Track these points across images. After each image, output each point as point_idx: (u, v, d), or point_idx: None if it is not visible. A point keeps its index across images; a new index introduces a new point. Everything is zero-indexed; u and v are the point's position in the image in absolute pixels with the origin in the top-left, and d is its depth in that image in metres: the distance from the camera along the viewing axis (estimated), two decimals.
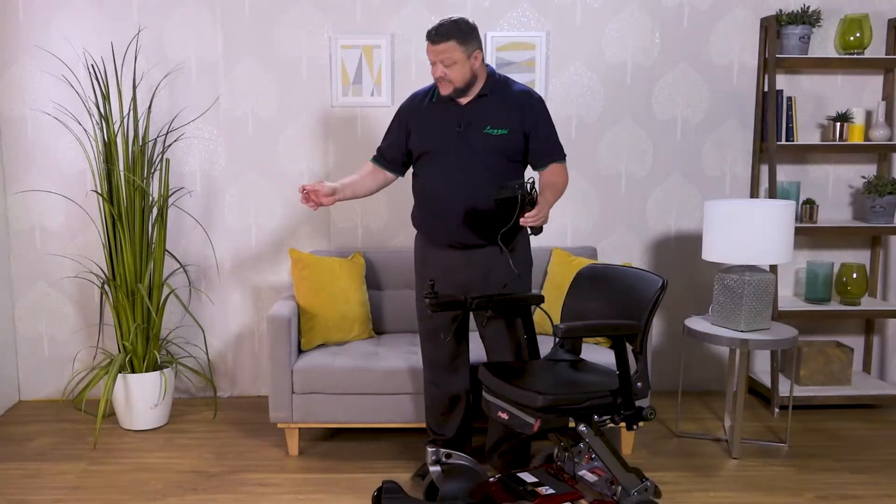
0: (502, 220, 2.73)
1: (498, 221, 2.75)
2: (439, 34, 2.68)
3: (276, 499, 2.95)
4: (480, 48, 2.75)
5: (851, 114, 3.89)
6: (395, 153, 2.97)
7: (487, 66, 2.84)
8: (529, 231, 2.72)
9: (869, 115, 3.99)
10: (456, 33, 2.68)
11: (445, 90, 2.76)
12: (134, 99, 3.59)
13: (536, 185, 2.67)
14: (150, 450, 3.42)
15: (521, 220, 2.59)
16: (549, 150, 2.85)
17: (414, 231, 3.98)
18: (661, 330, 4.15)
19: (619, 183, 4.02)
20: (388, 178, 3.02)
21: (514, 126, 2.79)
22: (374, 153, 3.03)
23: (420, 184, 2.91)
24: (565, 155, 2.90)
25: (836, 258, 4.10)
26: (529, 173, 2.97)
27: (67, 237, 3.95)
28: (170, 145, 3.87)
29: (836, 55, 3.88)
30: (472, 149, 2.78)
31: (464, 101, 2.80)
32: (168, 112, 3.88)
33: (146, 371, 3.61)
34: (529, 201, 2.60)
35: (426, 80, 3.87)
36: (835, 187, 4.07)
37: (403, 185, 3.94)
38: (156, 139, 3.72)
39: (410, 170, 3.00)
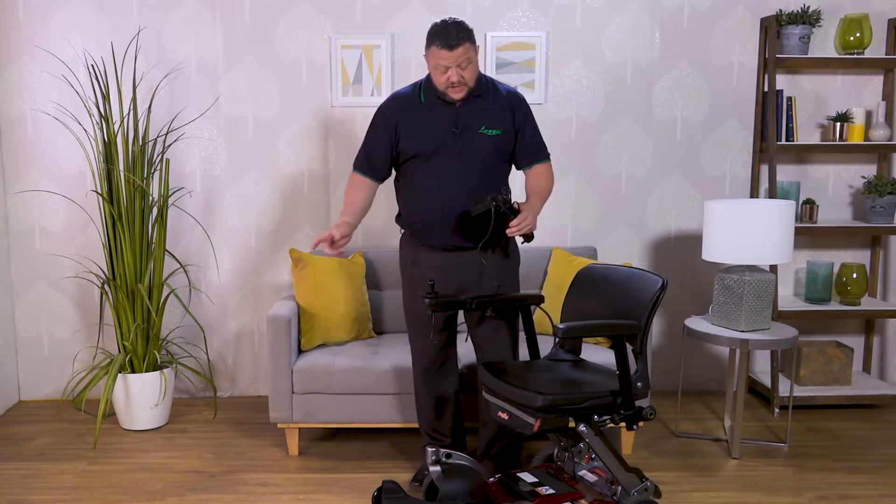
0: (483, 232, 2.76)
1: (485, 229, 2.75)
2: (457, 38, 2.61)
3: (276, 499, 2.95)
4: None
5: (851, 114, 3.89)
6: (381, 161, 2.85)
7: None
8: (521, 240, 2.73)
9: (869, 115, 3.99)
10: (468, 33, 2.65)
11: (459, 94, 2.71)
12: (134, 99, 3.59)
13: (513, 197, 2.68)
14: (150, 450, 3.43)
15: (507, 230, 2.63)
16: (533, 149, 2.87)
17: None
18: (661, 330, 4.15)
19: (619, 183, 4.02)
20: (375, 187, 2.91)
21: (507, 125, 2.80)
22: (358, 165, 2.88)
23: (411, 186, 2.84)
24: (549, 155, 2.92)
25: (836, 258, 4.10)
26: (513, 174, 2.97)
27: (67, 237, 3.96)
28: (170, 145, 3.87)
29: (836, 55, 3.88)
30: (468, 150, 2.76)
31: (458, 101, 2.78)
32: (168, 112, 3.88)
33: (146, 371, 3.62)
34: (508, 210, 2.62)
35: None
36: (835, 187, 4.08)
37: None
38: (156, 139, 3.72)
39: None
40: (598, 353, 3.30)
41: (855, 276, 3.79)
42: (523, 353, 3.20)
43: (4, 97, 3.85)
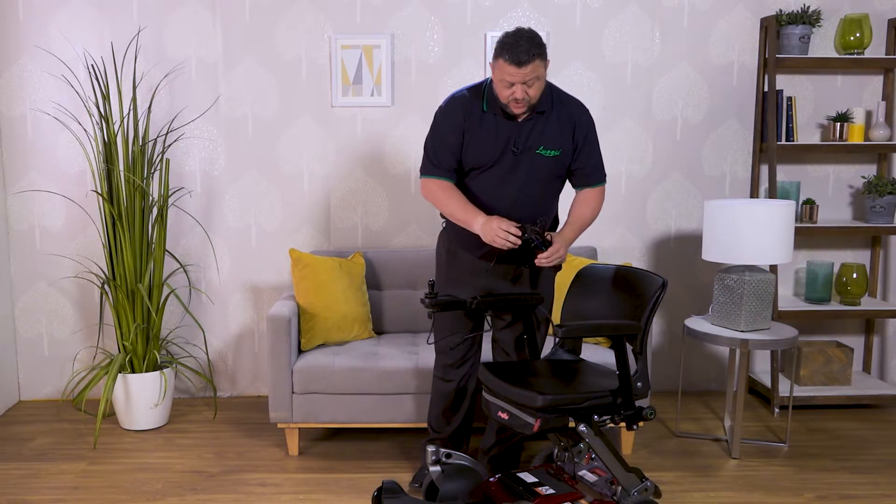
0: (512, 256, 2.78)
1: (513, 255, 2.77)
2: (528, 54, 2.45)
3: (276, 499, 2.95)
4: None
5: (851, 114, 3.89)
6: (454, 162, 2.72)
7: None
8: (550, 270, 2.75)
9: (869, 115, 4.00)
10: (540, 49, 2.48)
11: (521, 110, 2.59)
12: (134, 99, 3.59)
13: (548, 228, 2.70)
14: (150, 450, 3.43)
15: (536, 261, 2.62)
16: (589, 171, 2.77)
17: (415, 232, 3.99)
18: (661, 330, 4.15)
19: (619, 183, 4.02)
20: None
21: (566, 144, 2.70)
22: (434, 172, 2.72)
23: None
24: (604, 177, 2.80)
25: (836, 258, 4.10)
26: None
27: (67, 237, 3.96)
28: (170, 145, 3.87)
29: (836, 55, 3.88)
30: (523, 170, 2.68)
31: (521, 116, 2.65)
32: (168, 112, 3.88)
33: (146, 371, 3.62)
34: (541, 243, 2.61)
35: (426, 81, 3.87)
36: (835, 187, 4.08)
37: (403, 185, 3.95)
38: (156, 139, 3.72)
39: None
40: (598, 353, 3.30)
41: (855, 276, 3.79)
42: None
43: (4, 97, 3.85)
